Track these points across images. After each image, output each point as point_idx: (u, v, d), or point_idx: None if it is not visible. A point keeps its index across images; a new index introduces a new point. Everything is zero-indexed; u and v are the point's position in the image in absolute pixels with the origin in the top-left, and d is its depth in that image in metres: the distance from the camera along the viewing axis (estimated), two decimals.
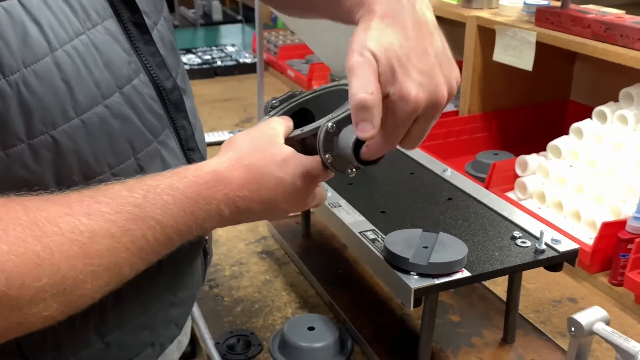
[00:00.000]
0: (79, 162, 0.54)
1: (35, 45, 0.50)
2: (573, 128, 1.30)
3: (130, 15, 0.60)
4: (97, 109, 0.55)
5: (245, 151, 0.60)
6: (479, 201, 0.99)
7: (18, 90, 0.49)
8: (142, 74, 0.60)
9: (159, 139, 0.62)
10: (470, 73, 1.59)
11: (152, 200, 0.53)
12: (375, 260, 0.84)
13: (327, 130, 0.62)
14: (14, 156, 0.51)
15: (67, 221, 0.48)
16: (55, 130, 0.52)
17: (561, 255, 0.85)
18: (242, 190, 0.58)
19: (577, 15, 1.29)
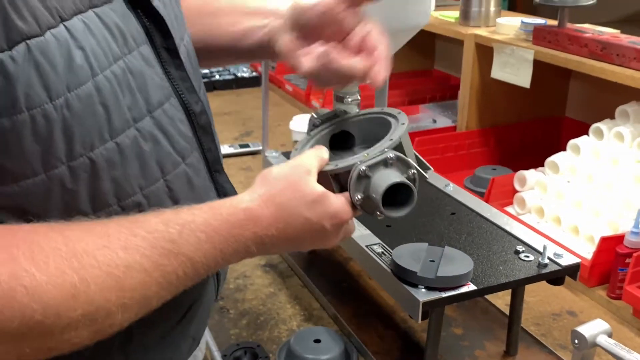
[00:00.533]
0: (112, 183, 0.55)
1: (79, 71, 0.52)
2: (570, 144, 1.32)
3: (163, 41, 0.62)
4: (129, 132, 0.56)
5: (278, 188, 0.61)
6: (482, 216, 1.01)
7: (62, 114, 0.51)
8: (172, 98, 0.62)
9: (187, 161, 0.63)
10: (468, 89, 1.62)
11: (186, 237, 0.54)
12: (383, 274, 0.86)
13: (359, 174, 0.63)
14: (54, 177, 0.52)
15: (105, 254, 0.49)
16: (93, 152, 0.53)
17: (563, 269, 0.87)
18: (271, 229, 0.59)
19: (575, 35, 1.31)
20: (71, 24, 0.52)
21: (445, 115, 1.86)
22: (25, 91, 0.48)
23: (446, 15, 1.79)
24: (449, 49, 2.18)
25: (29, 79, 0.49)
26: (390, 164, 0.65)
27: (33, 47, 0.49)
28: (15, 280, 0.45)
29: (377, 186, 0.63)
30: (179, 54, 0.64)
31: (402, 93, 2.04)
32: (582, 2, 1.31)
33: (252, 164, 1.76)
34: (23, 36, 0.48)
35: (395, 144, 0.67)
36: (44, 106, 0.50)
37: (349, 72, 0.66)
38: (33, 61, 0.49)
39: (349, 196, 0.65)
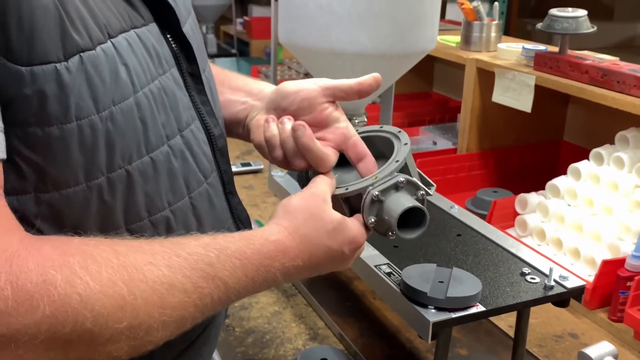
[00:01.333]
0: (145, 197, 0.57)
1: (123, 86, 0.54)
2: (571, 169, 1.34)
3: (188, 66, 0.64)
4: (163, 148, 0.58)
5: (301, 219, 0.63)
6: (487, 238, 1.02)
7: (106, 126, 0.52)
8: (196, 120, 0.65)
9: (208, 181, 0.65)
10: (469, 112, 1.64)
11: (223, 261, 0.55)
12: (392, 294, 0.86)
13: (372, 199, 0.66)
14: (94, 188, 0.53)
15: (151, 270, 0.50)
16: (130, 166, 0.55)
17: (569, 292, 0.88)
18: (297, 260, 0.61)
19: (575, 61, 1.34)
20: (117, 41, 0.54)
21: (446, 138, 1.88)
22: (76, 101, 0.50)
23: (447, 39, 1.81)
24: (448, 73, 2.20)
25: (80, 90, 0.50)
26: (400, 187, 0.68)
27: (86, 60, 0.51)
28: (70, 287, 0.46)
29: (391, 210, 0.66)
30: (202, 79, 0.66)
31: (402, 115, 2.07)
32: (583, 30, 1.34)
33: (254, 182, 1.77)
34: (78, 48, 0.50)
35: (402, 166, 0.69)
36: (91, 117, 0.51)
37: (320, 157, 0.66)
38: (85, 73, 0.51)
39: (362, 219, 0.67)
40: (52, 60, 0.49)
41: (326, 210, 0.64)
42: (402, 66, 1.10)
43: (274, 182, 1.26)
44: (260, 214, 1.58)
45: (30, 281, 0.44)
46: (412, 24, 1.02)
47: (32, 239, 0.48)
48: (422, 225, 0.67)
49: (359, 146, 0.70)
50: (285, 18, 1.07)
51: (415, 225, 0.67)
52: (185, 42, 0.64)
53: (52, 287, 0.45)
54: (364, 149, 0.70)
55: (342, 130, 0.70)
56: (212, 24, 3.89)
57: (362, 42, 1.00)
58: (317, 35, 1.01)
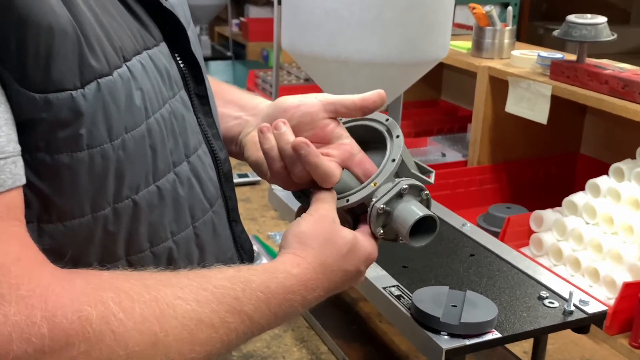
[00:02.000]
0: (148, 228, 0.57)
1: (136, 112, 0.54)
2: (589, 184, 1.35)
3: (196, 86, 0.65)
4: (170, 176, 0.59)
5: (317, 248, 0.64)
6: (502, 258, 1.02)
7: (117, 155, 0.53)
8: (203, 144, 0.65)
9: (213, 208, 0.66)
10: (480, 123, 1.65)
11: (248, 295, 0.56)
12: (402, 318, 0.86)
13: (378, 212, 0.68)
14: (99, 219, 0.54)
15: (181, 305, 0.51)
16: (137, 195, 0.55)
17: (590, 317, 0.88)
18: (317, 290, 0.63)
19: (594, 71, 1.35)
20: (132, 65, 0.54)
21: (455, 149, 1.88)
22: (89, 129, 0.50)
23: (457, 45, 1.82)
24: (457, 80, 2.21)
25: (94, 118, 0.51)
26: (404, 194, 0.69)
27: (103, 86, 0.51)
28: (105, 324, 0.46)
29: (402, 221, 0.68)
30: (208, 101, 0.67)
31: (409, 124, 2.07)
32: (602, 37, 1.35)
33: (252, 195, 1.77)
34: (95, 75, 0.50)
35: (399, 164, 0.70)
36: (104, 146, 0.52)
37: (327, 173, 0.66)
38: (102, 100, 0.51)
39: (369, 230, 0.70)
40: (68, 88, 0.49)
41: (338, 232, 0.66)
42: (412, 75, 1.11)
43: (275, 195, 1.26)
44: (259, 228, 1.58)
45: (66, 318, 0.45)
46: (423, 32, 1.03)
47: (63, 273, 0.48)
48: (433, 230, 0.70)
49: (365, 163, 0.71)
50: (289, 23, 1.07)
51: (424, 230, 0.69)
52: (194, 61, 0.64)
53: (88, 324, 0.45)
54: (372, 166, 0.71)
55: (346, 147, 0.70)
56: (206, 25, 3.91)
57: (370, 50, 1.01)
58: (323, 43, 1.02)
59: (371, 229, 0.69)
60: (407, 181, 0.69)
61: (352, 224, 0.71)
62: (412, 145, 1.95)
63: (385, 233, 0.70)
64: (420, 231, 0.69)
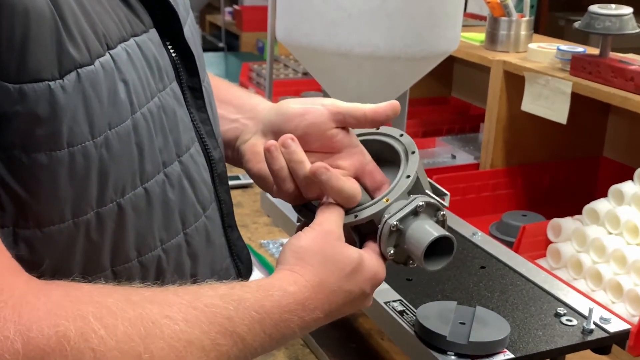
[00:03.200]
0: (136, 235, 0.57)
1: (121, 106, 0.53)
2: (612, 191, 1.34)
3: (188, 78, 0.64)
4: (159, 177, 0.58)
5: (316, 265, 0.63)
6: (516, 271, 1.02)
7: (100, 154, 0.52)
8: (196, 142, 0.64)
9: (206, 213, 0.65)
10: (494, 123, 1.64)
11: (242, 315, 0.55)
12: (405, 336, 0.86)
13: (391, 229, 0.67)
14: (81, 225, 0.53)
15: (168, 324, 0.50)
16: (123, 199, 0.55)
17: (611, 337, 0.87)
18: (316, 311, 0.61)
19: (619, 66, 1.34)
20: (116, 53, 0.53)
21: (466, 151, 1.88)
22: (69, 125, 0.50)
23: (469, 37, 1.82)
24: (469, 75, 2.21)
25: (75, 112, 0.50)
26: (419, 212, 0.68)
27: (83, 77, 0.50)
28: (84, 342, 0.46)
29: (416, 241, 0.67)
30: (202, 94, 0.66)
31: (417, 123, 2.07)
32: (628, 30, 1.34)
33: (243, 199, 1.77)
34: (75, 64, 0.50)
35: (414, 182, 0.69)
36: (85, 143, 0.51)
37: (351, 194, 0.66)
38: (82, 92, 0.50)
39: (378, 249, 0.68)
40: (46, 78, 0.48)
41: (342, 250, 0.64)
42: (418, 70, 1.11)
43: (267, 200, 1.25)
44: (250, 236, 1.58)
45: (42, 333, 0.44)
46: (431, 23, 1.02)
47: (39, 283, 0.47)
48: (449, 254, 0.69)
49: (376, 173, 0.71)
50: (284, 12, 1.07)
51: (439, 253, 0.68)
52: (187, 51, 0.63)
53: (65, 340, 0.45)
54: (382, 176, 0.71)
55: (358, 156, 0.70)
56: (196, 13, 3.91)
57: (373, 43, 1.00)
58: (321, 34, 1.01)
59: (380, 249, 0.68)
60: (424, 198, 0.68)
61: (358, 244, 0.70)
62: (419, 146, 1.94)
63: (396, 254, 0.68)
64: (434, 254, 0.68)
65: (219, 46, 3.76)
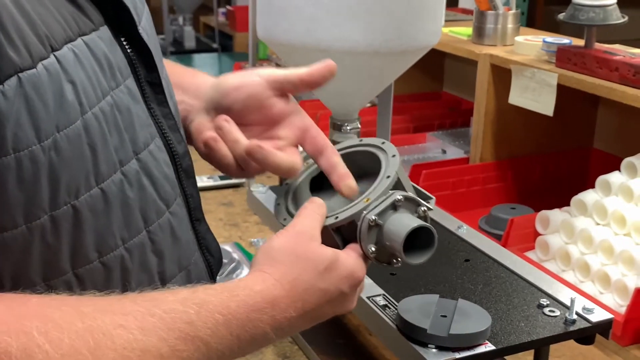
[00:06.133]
0: (95, 235, 0.56)
1: (69, 108, 0.52)
2: (600, 181, 1.34)
3: (147, 73, 0.63)
4: (115, 177, 0.57)
5: (287, 264, 0.62)
6: (500, 263, 1.02)
7: (49, 157, 0.51)
8: (157, 138, 0.64)
9: (170, 209, 0.64)
10: (483, 117, 1.64)
11: (204, 318, 0.54)
12: (387, 330, 0.86)
13: (369, 224, 0.66)
14: (35, 230, 0.52)
15: (121, 335, 0.49)
16: (78, 200, 0.54)
17: (594, 327, 0.87)
18: (289, 310, 0.60)
19: (603, 57, 1.34)
20: (62, 55, 0.53)
21: (456, 145, 1.88)
22: (13, 131, 0.49)
23: (457, 31, 1.82)
24: (460, 70, 2.21)
25: (18, 117, 0.49)
26: (398, 206, 0.68)
27: (25, 81, 0.49)
28: (27, 357, 0.45)
29: (393, 234, 0.66)
30: (163, 89, 0.65)
31: (407, 119, 2.07)
32: (612, 20, 1.34)
33: (234, 198, 1.77)
34: (16, 68, 0.49)
35: (394, 181, 0.69)
36: (32, 148, 0.50)
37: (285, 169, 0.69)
38: (24, 96, 0.49)
39: (360, 248, 0.68)
40: None
41: (314, 249, 0.64)
42: (400, 64, 1.10)
43: (254, 198, 1.25)
44: (241, 235, 1.58)
45: None
46: (410, 17, 1.02)
47: None
48: (431, 246, 0.68)
49: (317, 138, 0.72)
50: (264, 10, 1.07)
51: (422, 247, 0.68)
52: (142, 46, 0.63)
53: (7, 357, 0.44)
54: (324, 140, 0.72)
55: (298, 123, 0.72)
56: (190, 15, 3.91)
57: (353, 38, 1.00)
58: (301, 30, 1.01)
59: (362, 247, 0.67)
60: (402, 193, 0.68)
61: (342, 247, 0.69)
62: (410, 141, 1.95)
63: (378, 252, 0.68)
64: (416, 247, 0.67)
65: (213, 47, 3.76)
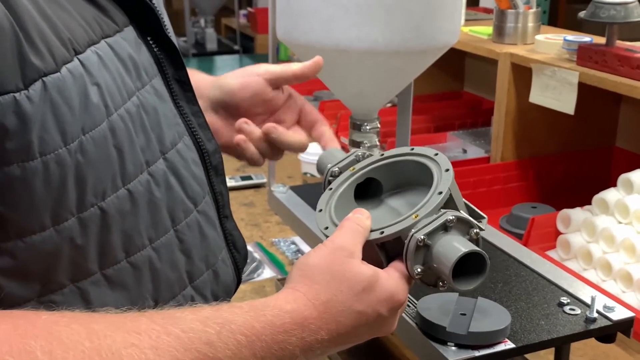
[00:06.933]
0: (122, 236, 0.57)
1: (94, 110, 0.53)
2: (622, 180, 1.33)
3: (175, 72, 0.64)
4: (142, 177, 0.58)
5: (322, 283, 0.60)
6: (520, 262, 1.01)
7: (76, 159, 0.52)
8: (185, 136, 0.64)
9: (198, 208, 0.65)
10: (503, 116, 1.64)
11: (225, 339, 0.53)
12: (406, 328, 0.86)
13: (418, 244, 0.63)
14: (63, 232, 0.53)
15: (132, 354, 0.48)
16: (105, 202, 0.55)
17: (615, 325, 0.87)
18: (320, 332, 0.58)
19: (625, 55, 1.33)
20: (85, 58, 0.53)
21: (477, 145, 1.88)
22: (40, 134, 0.50)
23: (477, 30, 1.82)
24: (481, 69, 2.20)
25: (44, 121, 0.50)
26: (450, 227, 0.65)
27: (49, 85, 0.50)
28: None
29: (443, 257, 0.63)
30: (191, 87, 0.66)
31: (428, 119, 2.07)
32: (633, 18, 1.33)
33: (255, 198, 1.78)
34: (40, 73, 0.50)
35: (446, 198, 0.67)
36: (58, 151, 0.51)
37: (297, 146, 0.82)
38: (49, 100, 0.50)
39: (404, 268, 0.65)
40: (10, 90, 0.48)
41: (353, 267, 0.61)
42: (419, 64, 1.11)
43: (274, 198, 1.26)
44: (262, 235, 1.59)
45: None
46: (429, 16, 1.02)
47: None
48: (482, 272, 0.65)
49: (310, 114, 0.84)
50: (283, 11, 1.08)
51: (471, 271, 0.65)
52: (169, 45, 0.64)
53: None
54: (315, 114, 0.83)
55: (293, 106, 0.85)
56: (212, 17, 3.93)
57: (371, 38, 1.00)
58: (319, 31, 1.02)
59: (407, 267, 0.64)
60: (455, 213, 0.65)
61: (385, 264, 0.66)
62: (430, 141, 1.94)
63: (424, 274, 0.65)
64: (465, 272, 0.64)
65: (235, 49, 3.79)
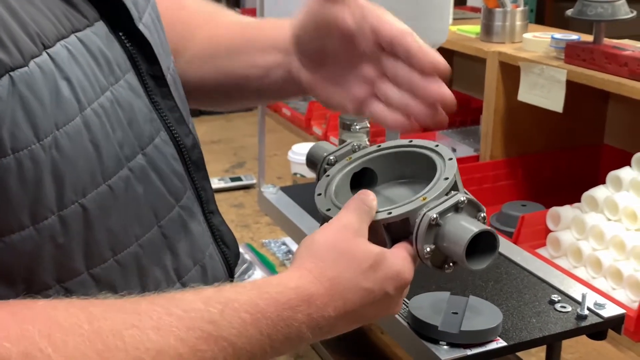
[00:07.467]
0: (107, 233, 0.56)
1: (66, 105, 0.52)
2: (611, 177, 1.34)
3: (149, 67, 0.63)
4: (122, 173, 0.57)
5: (328, 260, 0.60)
6: (511, 260, 1.02)
7: (51, 155, 0.51)
8: (162, 132, 0.63)
9: (180, 203, 0.64)
10: (492, 114, 1.64)
11: (228, 317, 0.53)
12: (398, 327, 0.86)
13: (430, 222, 0.63)
14: (44, 231, 0.52)
15: (133, 334, 0.48)
16: (86, 198, 0.54)
17: (606, 322, 0.87)
18: (327, 309, 0.58)
19: (612, 52, 1.34)
20: (55, 52, 0.53)
21: (466, 143, 1.88)
22: (11, 130, 0.49)
23: (465, 29, 1.82)
24: (470, 67, 2.21)
25: (14, 117, 0.49)
26: (461, 208, 0.66)
27: (17, 80, 0.49)
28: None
29: (455, 237, 0.64)
30: (166, 82, 0.65)
31: None
32: (620, 15, 1.34)
33: (245, 199, 1.78)
34: (6, 68, 0.49)
35: (452, 184, 0.67)
36: (32, 147, 0.50)
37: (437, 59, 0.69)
38: (18, 95, 0.49)
39: (410, 248, 0.65)
40: None
41: (359, 245, 0.62)
42: None
43: (264, 199, 1.26)
44: (252, 236, 1.59)
45: None
46: (417, 15, 1.03)
47: None
48: (492, 252, 0.66)
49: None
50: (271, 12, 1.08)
51: (480, 251, 0.65)
52: (143, 40, 0.63)
53: None
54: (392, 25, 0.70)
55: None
56: None
57: None
58: None
59: (416, 247, 0.64)
60: (465, 195, 0.66)
61: (389, 246, 0.66)
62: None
63: (433, 254, 0.65)
64: (475, 252, 0.65)
65: None
